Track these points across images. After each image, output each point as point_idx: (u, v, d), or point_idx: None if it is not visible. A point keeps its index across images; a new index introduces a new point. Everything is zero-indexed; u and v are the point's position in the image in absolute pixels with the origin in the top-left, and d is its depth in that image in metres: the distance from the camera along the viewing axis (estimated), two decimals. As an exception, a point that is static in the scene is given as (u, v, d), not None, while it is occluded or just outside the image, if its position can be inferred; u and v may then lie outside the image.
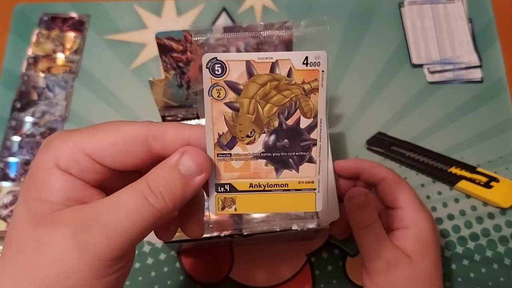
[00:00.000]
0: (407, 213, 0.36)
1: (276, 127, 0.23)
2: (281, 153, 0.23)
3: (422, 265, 0.34)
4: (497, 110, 0.49)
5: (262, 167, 0.23)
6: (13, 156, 0.47)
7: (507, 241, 0.43)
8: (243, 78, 0.22)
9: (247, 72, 0.22)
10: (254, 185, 0.23)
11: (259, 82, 0.22)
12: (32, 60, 0.52)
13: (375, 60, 0.52)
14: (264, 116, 0.22)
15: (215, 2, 0.55)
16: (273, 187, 0.23)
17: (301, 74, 0.22)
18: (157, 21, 0.54)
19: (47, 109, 0.50)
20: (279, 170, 0.23)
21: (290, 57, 0.21)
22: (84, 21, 0.54)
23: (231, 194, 0.23)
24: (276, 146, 0.23)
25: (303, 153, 0.23)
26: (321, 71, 0.22)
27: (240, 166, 0.23)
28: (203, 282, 0.42)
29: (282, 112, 0.22)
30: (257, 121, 0.22)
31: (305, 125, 0.22)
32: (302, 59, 0.21)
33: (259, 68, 0.22)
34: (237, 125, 0.22)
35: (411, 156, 0.47)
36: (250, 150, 0.23)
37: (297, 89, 0.22)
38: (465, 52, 0.52)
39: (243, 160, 0.23)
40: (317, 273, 0.42)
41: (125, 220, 0.20)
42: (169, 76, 0.39)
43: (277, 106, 0.22)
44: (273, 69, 0.22)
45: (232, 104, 0.22)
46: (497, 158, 0.47)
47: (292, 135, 0.23)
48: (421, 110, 0.49)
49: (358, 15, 0.54)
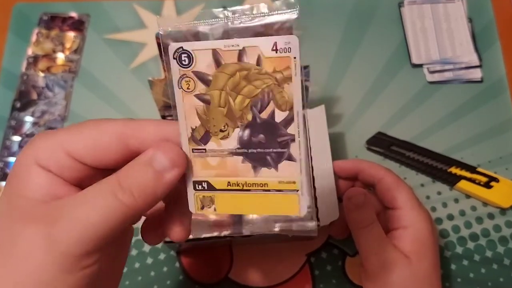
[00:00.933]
0: (405, 213, 0.35)
1: (249, 121, 0.21)
2: (258, 149, 0.21)
3: (421, 265, 0.34)
4: (497, 110, 0.49)
5: (239, 164, 0.22)
6: (13, 156, 0.47)
7: (507, 241, 0.43)
8: (212, 68, 0.21)
9: (214, 61, 0.20)
10: (232, 183, 0.22)
11: (228, 72, 0.20)
12: (31, 59, 0.52)
13: (375, 60, 0.52)
14: (236, 109, 0.21)
15: (215, 2, 0.55)
16: (252, 187, 0.22)
17: (271, 62, 0.20)
18: (157, 21, 0.54)
19: (47, 109, 0.50)
20: (256, 168, 0.21)
21: (257, 43, 0.20)
22: (84, 20, 0.54)
23: (209, 193, 0.22)
24: (252, 142, 0.21)
25: (281, 150, 0.21)
26: (293, 57, 0.20)
27: (216, 163, 0.22)
28: (202, 282, 0.42)
29: (254, 104, 0.20)
30: (230, 114, 0.21)
31: (280, 118, 0.21)
32: (271, 45, 0.19)
33: (226, 56, 0.20)
34: (209, 119, 0.21)
35: (411, 156, 0.47)
36: (225, 145, 0.21)
37: (268, 79, 0.20)
38: (465, 52, 0.52)
39: (219, 156, 0.22)
40: (317, 273, 0.42)
41: (93, 214, 0.20)
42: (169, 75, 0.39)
43: (248, 98, 0.20)
44: (241, 57, 0.20)
45: (202, 96, 0.21)
46: (497, 158, 0.47)
47: (267, 129, 0.21)
48: (421, 110, 0.49)
49: (358, 15, 0.54)
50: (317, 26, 0.53)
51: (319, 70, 0.50)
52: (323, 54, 0.52)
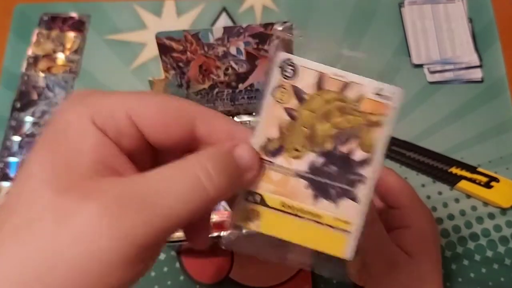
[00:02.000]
0: (407, 212, 0.35)
1: (328, 150, 0.21)
2: (326, 179, 0.21)
3: (422, 265, 0.34)
4: (497, 110, 0.49)
5: (301, 188, 0.21)
6: (13, 156, 0.47)
7: (508, 241, 0.43)
8: (311, 88, 0.21)
9: (317, 83, 0.21)
10: (286, 205, 0.21)
11: (326, 98, 0.21)
12: (32, 60, 0.52)
13: (375, 60, 0.52)
14: (319, 135, 0.21)
15: (215, 2, 0.55)
16: (305, 214, 0.21)
17: (370, 103, 0.21)
18: (157, 21, 0.54)
19: (47, 109, 0.50)
20: (317, 197, 0.21)
21: (365, 83, 0.21)
22: (84, 21, 0.54)
23: (259, 207, 0.21)
24: (322, 171, 0.21)
25: (348, 187, 0.21)
26: (393, 107, 0.21)
27: (278, 180, 0.21)
28: (203, 282, 0.42)
29: (339, 136, 0.21)
30: (311, 137, 0.21)
31: (358, 158, 0.21)
32: (377, 89, 0.21)
33: (330, 83, 0.21)
34: (289, 135, 0.21)
35: (411, 156, 0.47)
36: (294, 165, 0.21)
37: (361, 118, 0.21)
38: (465, 52, 0.52)
39: (283, 174, 0.21)
40: (317, 273, 0.42)
41: (176, 201, 0.17)
42: (169, 76, 0.39)
43: (336, 128, 0.21)
44: (343, 89, 0.21)
45: (291, 111, 0.21)
46: (497, 158, 0.47)
47: (342, 164, 0.21)
48: (421, 110, 0.49)
49: (358, 15, 0.54)
50: (317, 26, 0.53)
51: (319, 70, 0.50)
52: (323, 54, 0.52)
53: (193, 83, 0.40)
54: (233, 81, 0.41)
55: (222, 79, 0.41)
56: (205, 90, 0.41)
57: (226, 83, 0.41)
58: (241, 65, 0.39)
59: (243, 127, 0.21)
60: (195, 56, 0.38)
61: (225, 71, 0.40)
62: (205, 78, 0.40)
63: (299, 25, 0.53)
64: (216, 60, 0.39)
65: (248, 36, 0.37)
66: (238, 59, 0.39)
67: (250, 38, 0.37)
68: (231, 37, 0.37)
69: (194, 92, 0.41)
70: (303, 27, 0.53)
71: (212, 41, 0.37)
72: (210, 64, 0.39)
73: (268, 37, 0.37)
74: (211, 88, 0.41)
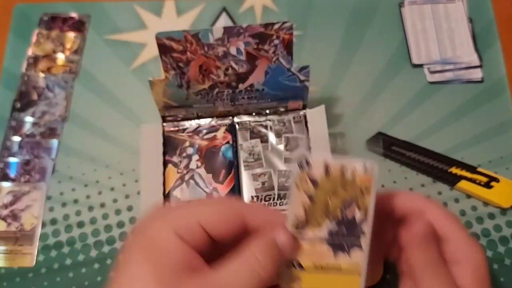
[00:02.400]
0: (459, 246, 0.30)
1: (338, 218, 0.28)
2: (340, 239, 0.28)
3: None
4: (497, 110, 0.49)
5: (324, 249, 0.28)
6: (13, 156, 0.47)
7: (508, 241, 0.43)
8: (321, 174, 0.28)
9: (324, 170, 0.28)
10: (317, 266, 0.28)
11: (333, 180, 0.28)
12: (32, 60, 0.52)
13: (375, 60, 0.52)
14: (332, 207, 0.28)
15: (215, 2, 0.55)
16: (330, 267, 0.28)
17: (360, 178, 0.28)
18: (157, 21, 0.54)
19: (47, 109, 0.50)
20: (337, 253, 0.28)
21: (356, 165, 0.28)
22: (84, 21, 0.54)
23: (297, 272, 0.28)
24: (337, 233, 0.28)
25: (355, 241, 0.28)
26: (374, 178, 0.28)
27: (308, 247, 0.28)
28: None
29: (344, 204, 0.28)
30: (327, 211, 0.28)
31: (359, 218, 0.28)
32: (364, 167, 0.28)
33: (333, 167, 0.28)
34: (312, 212, 0.28)
35: (411, 156, 0.47)
36: (318, 234, 0.28)
37: (357, 189, 0.28)
38: (465, 52, 0.52)
39: (311, 242, 0.28)
40: None
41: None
42: (169, 76, 0.39)
43: (341, 200, 0.28)
44: (343, 170, 0.28)
45: (311, 195, 0.28)
46: (497, 158, 0.47)
47: (349, 225, 0.28)
48: (421, 110, 0.49)
49: (358, 15, 0.54)
50: (317, 26, 0.53)
51: (319, 70, 0.50)
52: (323, 54, 0.52)
53: (193, 83, 0.41)
54: (233, 81, 0.41)
55: (222, 79, 0.41)
56: (205, 90, 0.41)
57: (226, 83, 0.41)
58: (241, 65, 0.39)
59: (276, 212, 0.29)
60: (195, 56, 0.38)
61: (225, 71, 0.40)
62: (205, 78, 0.40)
63: (299, 25, 0.53)
64: (216, 60, 0.39)
65: (248, 36, 0.37)
66: (238, 59, 0.39)
67: (250, 38, 0.37)
68: (231, 37, 0.37)
69: (194, 92, 0.41)
70: (303, 27, 0.53)
71: (212, 41, 0.37)
72: (210, 64, 0.39)
73: (268, 37, 0.37)
74: (211, 88, 0.41)
